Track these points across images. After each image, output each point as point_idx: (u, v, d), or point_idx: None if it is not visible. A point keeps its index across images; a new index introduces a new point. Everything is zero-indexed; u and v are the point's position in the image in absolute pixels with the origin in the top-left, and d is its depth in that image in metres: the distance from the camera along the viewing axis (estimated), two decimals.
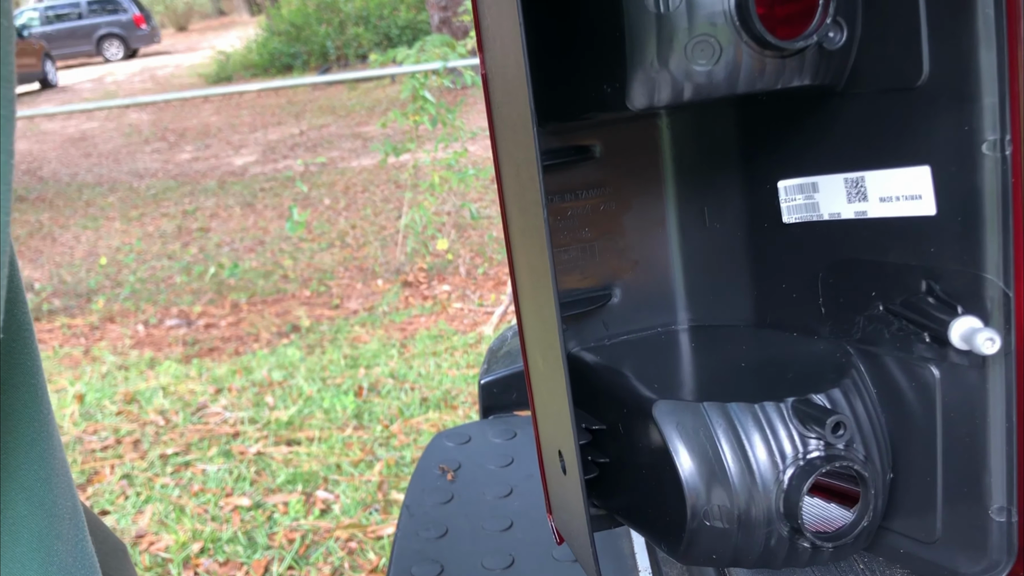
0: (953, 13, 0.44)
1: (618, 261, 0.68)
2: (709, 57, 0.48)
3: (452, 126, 4.93)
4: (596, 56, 0.53)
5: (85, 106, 9.10)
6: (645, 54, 0.49)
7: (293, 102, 11.04)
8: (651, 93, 0.50)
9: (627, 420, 0.58)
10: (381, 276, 5.01)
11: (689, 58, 0.48)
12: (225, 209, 6.83)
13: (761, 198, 0.60)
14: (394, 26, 13.70)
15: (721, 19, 0.48)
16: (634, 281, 0.68)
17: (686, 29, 0.48)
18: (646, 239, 0.67)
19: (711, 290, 0.67)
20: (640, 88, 0.50)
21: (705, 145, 0.64)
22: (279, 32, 14.66)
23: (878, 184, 0.51)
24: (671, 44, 0.48)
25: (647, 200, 0.67)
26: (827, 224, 0.55)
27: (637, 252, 0.67)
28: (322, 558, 2.40)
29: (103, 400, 3.56)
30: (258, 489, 2.77)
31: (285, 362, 3.84)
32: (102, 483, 2.88)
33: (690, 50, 0.48)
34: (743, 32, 0.48)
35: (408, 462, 2.83)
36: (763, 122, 0.59)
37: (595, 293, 0.68)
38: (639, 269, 0.68)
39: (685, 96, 0.49)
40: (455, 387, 3.38)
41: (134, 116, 11.06)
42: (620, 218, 0.67)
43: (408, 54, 5.18)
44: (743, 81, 0.50)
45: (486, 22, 0.53)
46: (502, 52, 0.51)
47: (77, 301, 5.08)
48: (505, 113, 0.53)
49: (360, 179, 7.17)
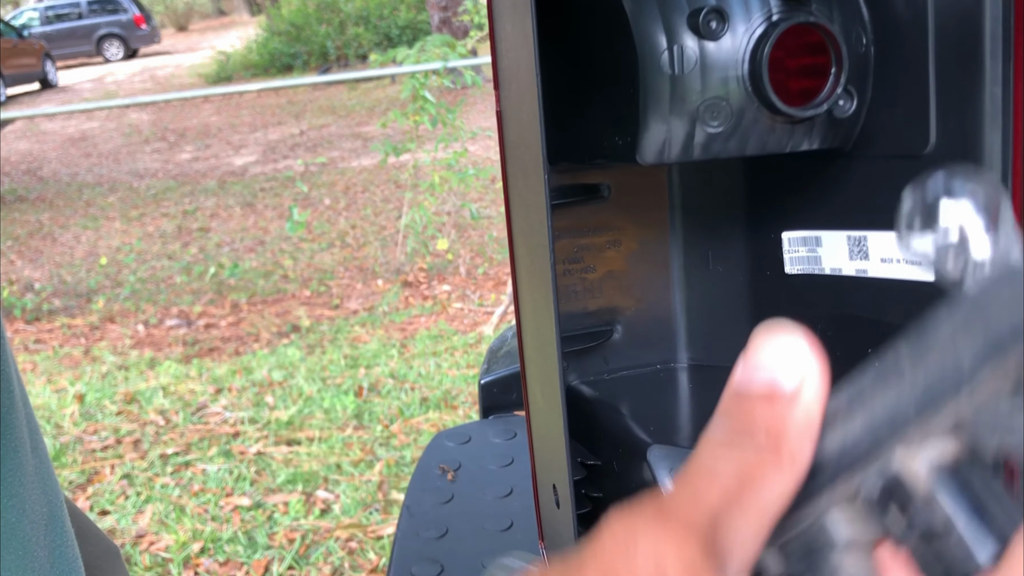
0: (962, 89, 0.45)
1: (621, 298, 0.69)
2: (721, 120, 0.49)
3: (452, 126, 4.93)
4: (610, 107, 0.54)
5: (85, 106, 9.11)
6: (658, 112, 0.49)
7: (293, 102, 11.04)
8: (661, 150, 0.50)
9: (622, 459, 0.60)
10: (381, 276, 5.01)
11: (701, 119, 0.49)
12: (225, 209, 6.83)
13: (765, 247, 0.61)
14: (394, 26, 13.71)
15: (734, 84, 0.49)
16: (636, 318, 0.69)
17: (699, 91, 0.49)
18: (650, 278, 0.69)
19: (711, 331, 0.69)
20: (651, 144, 0.50)
21: (712, 192, 0.66)
22: (279, 32, 14.66)
23: (880, 245, 0.52)
24: (684, 104, 0.49)
25: (653, 241, 0.68)
26: (828, 278, 0.56)
27: (640, 291, 0.69)
28: (322, 558, 2.40)
29: (103, 400, 3.56)
30: (258, 489, 2.77)
31: (285, 362, 3.84)
32: (102, 483, 2.88)
33: (702, 111, 0.49)
34: (755, 98, 0.49)
35: (408, 462, 2.83)
36: (771, 176, 0.61)
37: (597, 329, 0.70)
38: (641, 307, 0.69)
39: (695, 155, 0.50)
40: (455, 387, 3.39)
41: (134, 116, 11.07)
42: (625, 257, 0.69)
43: (408, 54, 5.18)
44: (753, 144, 0.51)
45: (503, 63, 0.54)
46: (518, 95, 0.51)
47: (77, 301, 5.08)
48: (518, 154, 0.54)
49: (360, 179, 7.17)
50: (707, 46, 0.48)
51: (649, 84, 0.49)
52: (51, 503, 0.39)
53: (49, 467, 0.40)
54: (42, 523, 0.37)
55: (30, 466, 0.37)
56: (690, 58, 0.48)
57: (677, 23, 0.48)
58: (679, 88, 0.49)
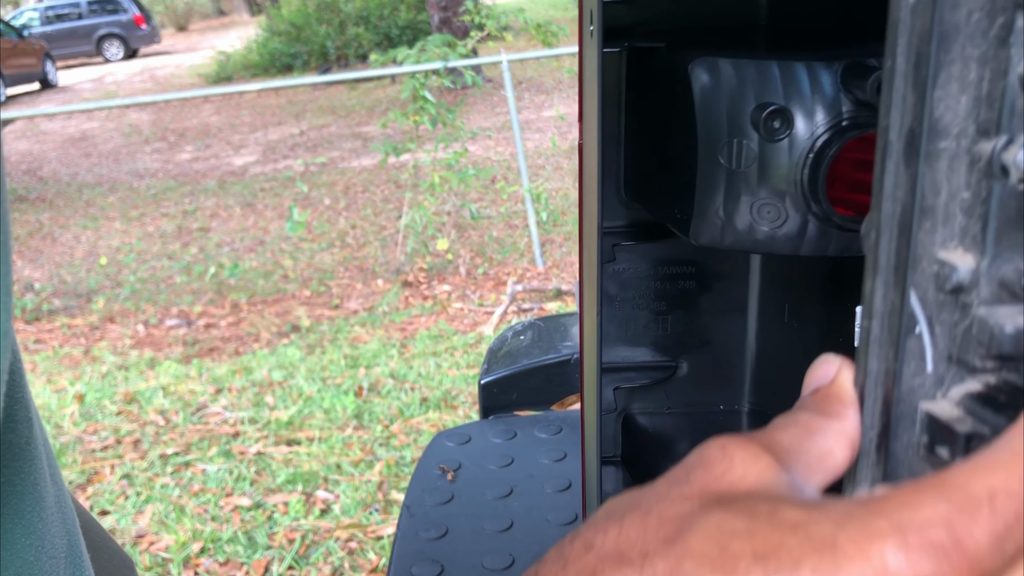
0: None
1: (689, 337, 0.69)
2: (773, 221, 0.48)
3: (452, 126, 4.93)
4: (673, 179, 0.53)
5: (85, 106, 9.11)
6: (711, 201, 0.48)
7: (293, 102, 11.04)
8: (713, 236, 0.49)
9: None
10: (381, 276, 5.01)
11: (754, 217, 0.48)
12: (225, 209, 6.83)
13: (840, 314, 0.61)
14: (394, 26, 13.70)
15: (792, 188, 0.47)
16: (702, 359, 0.70)
17: (754, 189, 0.47)
18: (722, 322, 0.69)
19: (778, 380, 0.69)
20: (703, 228, 0.50)
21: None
22: (279, 32, 14.66)
23: None
24: (738, 200, 0.48)
25: (730, 285, 0.68)
26: None
27: (711, 332, 0.69)
28: (322, 558, 2.40)
29: (103, 400, 3.56)
30: (258, 489, 2.77)
31: (285, 362, 3.84)
32: (102, 483, 2.88)
33: (756, 210, 0.48)
34: (812, 203, 0.47)
35: (408, 462, 2.83)
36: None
37: (661, 364, 0.70)
38: (710, 349, 0.70)
39: (747, 248, 0.49)
40: (455, 387, 3.39)
41: (134, 116, 11.07)
42: (698, 297, 0.69)
43: (408, 54, 5.18)
44: (806, 246, 0.49)
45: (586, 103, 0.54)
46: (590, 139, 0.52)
47: (77, 301, 5.08)
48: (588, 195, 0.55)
49: (360, 179, 7.17)
50: (767, 146, 0.46)
51: (706, 171, 0.48)
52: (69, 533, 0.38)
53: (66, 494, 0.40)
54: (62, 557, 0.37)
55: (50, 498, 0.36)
56: (749, 154, 0.47)
57: (741, 118, 0.47)
58: (735, 183, 0.47)
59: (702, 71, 0.47)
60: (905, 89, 0.29)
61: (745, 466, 0.30)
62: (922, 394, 0.31)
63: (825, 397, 0.34)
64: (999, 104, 0.28)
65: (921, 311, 0.31)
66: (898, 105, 0.30)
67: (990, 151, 0.28)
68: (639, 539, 0.28)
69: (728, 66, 0.47)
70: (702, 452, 0.31)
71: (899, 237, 0.31)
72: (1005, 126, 0.28)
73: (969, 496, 0.24)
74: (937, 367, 0.31)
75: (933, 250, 0.30)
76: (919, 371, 0.31)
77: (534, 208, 4.91)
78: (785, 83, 0.46)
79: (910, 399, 0.31)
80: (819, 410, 0.33)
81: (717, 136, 0.47)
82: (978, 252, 0.29)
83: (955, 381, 0.30)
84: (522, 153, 5.03)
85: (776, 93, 0.46)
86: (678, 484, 0.30)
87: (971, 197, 0.29)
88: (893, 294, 0.31)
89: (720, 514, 0.27)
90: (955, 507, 0.24)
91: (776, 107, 0.45)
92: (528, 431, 1.15)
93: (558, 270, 4.77)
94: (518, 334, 1.31)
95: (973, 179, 0.29)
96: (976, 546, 0.24)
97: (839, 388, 0.34)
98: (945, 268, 0.30)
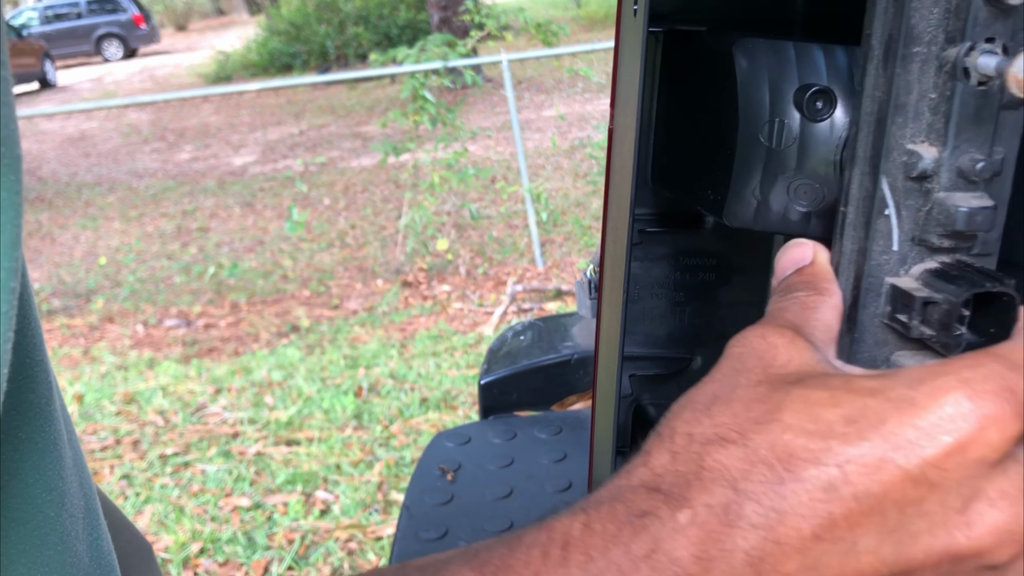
0: None
1: (706, 330, 0.69)
2: (811, 201, 0.48)
3: (452, 126, 4.93)
4: (709, 160, 0.53)
5: (84, 106, 9.09)
6: (749, 180, 0.48)
7: (293, 102, 11.04)
8: (748, 217, 0.49)
9: None
10: (381, 276, 5.01)
11: (791, 197, 0.48)
12: (224, 209, 6.83)
13: None
14: (394, 26, 13.70)
15: (831, 169, 0.47)
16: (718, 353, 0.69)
17: (793, 169, 0.47)
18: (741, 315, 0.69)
19: None
20: (738, 209, 0.49)
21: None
22: (279, 32, 14.65)
23: None
24: (775, 180, 0.48)
25: (751, 279, 0.67)
26: None
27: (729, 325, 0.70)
28: (322, 558, 2.39)
29: (102, 400, 3.55)
30: (258, 489, 2.77)
31: (285, 362, 3.84)
32: (102, 483, 2.88)
33: (793, 189, 0.48)
34: None
35: (408, 462, 2.83)
36: None
37: (676, 356, 0.69)
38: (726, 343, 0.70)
39: (781, 229, 0.49)
40: (455, 387, 3.38)
41: (133, 116, 11.06)
42: (717, 290, 0.68)
43: (408, 54, 5.17)
44: None
45: (621, 87, 0.54)
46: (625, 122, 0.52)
47: (76, 301, 5.08)
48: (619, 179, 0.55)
49: (360, 179, 7.16)
50: (809, 125, 0.46)
51: (745, 151, 0.48)
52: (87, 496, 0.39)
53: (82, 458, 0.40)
54: (80, 516, 0.37)
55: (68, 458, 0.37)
56: (789, 134, 0.47)
57: (783, 97, 0.47)
58: (773, 162, 0.47)
59: (745, 52, 0.48)
60: (887, 1, 0.35)
61: (789, 351, 0.34)
62: (888, 270, 0.36)
63: (812, 275, 0.38)
64: (965, 15, 0.33)
65: (890, 195, 0.36)
66: (880, 15, 0.35)
67: (954, 56, 0.33)
68: (733, 423, 0.32)
69: (770, 47, 0.48)
70: (748, 344, 0.36)
71: (875, 132, 0.36)
72: (969, 34, 0.33)
73: (1014, 361, 0.30)
74: (902, 247, 0.36)
75: (903, 143, 0.35)
76: (886, 249, 0.36)
77: (534, 208, 4.91)
78: (828, 65, 0.47)
79: (877, 274, 0.37)
80: (811, 287, 0.38)
81: (759, 115, 0.48)
82: (941, 144, 0.34)
83: (916, 260, 0.36)
84: (522, 153, 5.03)
85: (819, 75, 0.47)
86: (741, 374, 0.34)
87: (938, 96, 0.34)
88: (868, 181, 0.36)
89: (802, 390, 0.32)
90: (1005, 367, 0.30)
91: (820, 87, 0.46)
92: (528, 431, 1.15)
93: (558, 270, 4.77)
94: (518, 334, 1.31)
95: (940, 81, 0.34)
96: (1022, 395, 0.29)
97: (821, 267, 0.38)
98: (912, 158, 0.35)
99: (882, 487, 0.29)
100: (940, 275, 0.35)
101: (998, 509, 0.29)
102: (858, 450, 0.29)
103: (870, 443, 0.29)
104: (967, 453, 0.29)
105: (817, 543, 0.30)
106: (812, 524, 0.30)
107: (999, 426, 0.29)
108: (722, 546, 0.30)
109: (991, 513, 0.29)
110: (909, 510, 0.29)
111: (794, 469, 0.30)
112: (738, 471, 0.31)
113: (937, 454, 0.29)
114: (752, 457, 0.31)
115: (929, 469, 0.29)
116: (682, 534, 0.30)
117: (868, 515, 0.29)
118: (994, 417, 0.29)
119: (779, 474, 0.30)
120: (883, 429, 0.30)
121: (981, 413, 0.29)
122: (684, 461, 0.32)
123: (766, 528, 0.30)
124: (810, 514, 0.30)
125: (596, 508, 0.33)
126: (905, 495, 0.29)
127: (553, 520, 0.33)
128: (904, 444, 0.29)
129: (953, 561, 0.30)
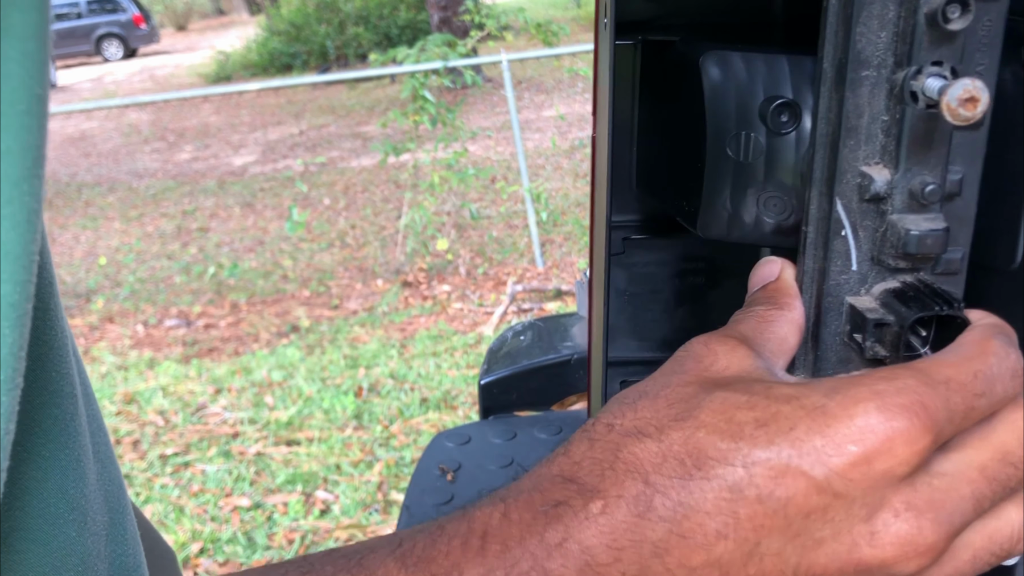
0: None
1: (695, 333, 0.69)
2: (779, 213, 0.48)
3: (452, 126, 4.93)
4: (682, 171, 0.53)
5: (84, 106, 9.09)
6: (719, 193, 0.48)
7: (293, 102, 11.04)
8: (720, 228, 0.50)
9: None
10: (381, 276, 5.01)
11: (760, 209, 0.48)
12: (224, 209, 6.83)
13: None
14: (394, 26, 13.70)
15: (798, 180, 0.47)
16: None
17: (761, 182, 0.47)
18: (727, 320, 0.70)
19: None
20: (710, 221, 0.50)
21: None
22: (279, 32, 14.65)
23: None
24: (745, 192, 0.48)
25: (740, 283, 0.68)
26: None
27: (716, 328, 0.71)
28: None
29: (102, 400, 3.55)
30: (258, 489, 2.77)
31: (285, 362, 3.84)
32: None
33: (762, 202, 0.48)
34: None
35: (408, 462, 2.83)
36: None
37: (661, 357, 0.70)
38: None
39: (755, 240, 0.49)
40: (455, 387, 3.38)
41: (133, 116, 11.06)
42: (707, 294, 0.68)
43: (408, 54, 5.17)
44: None
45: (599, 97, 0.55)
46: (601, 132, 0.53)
47: (76, 301, 5.08)
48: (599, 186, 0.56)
49: (360, 179, 7.16)
50: (775, 139, 0.47)
51: (715, 163, 0.48)
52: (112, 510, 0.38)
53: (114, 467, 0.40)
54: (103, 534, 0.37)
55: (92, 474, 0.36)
56: (757, 147, 0.47)
57: (749, 110, 0.47)
58: (742, 175, 0.47)
59: (712, 64, 0.48)
60: (836, 25, 0.35)
61: (728, 357, 0.35)
62: (847, 290, 0.37)
63: (775, 291, 0.39)
64: (911, 39, 0.33)
65: (846, 216, 0.36)
66: (830, 39, 0.35)
67: (902, 79, 0.34)
68: (653, 418, 0.33)
69: (738, 59, 0.47)
70: (690, 349, 0.37)
71: (829, 153, 0.36)
72: (916, 57, 0.33)
73: (931, 378, 0.31)
74: (861, 266, 0.36)
75: (856, 165, 0.35)
76: (845, 269, 0.37)
77: (534, 208, 4.91)
78: (794, 77, 0.46)
79: (837, 293, 0.37)
80: (771, 303, 0.39)
81: (726, 128, 0.47)
82: (893, 167, 0.35)
83: (877, 279, 0.37)
84: (522, 153, 5.03)
85: (785, 87, 0.46)
86: (675, 374, 0.35)
87: (889, 119, 0.35)
88: (824, 202, 0.37)
89: (723, 393, 0.33)
90: (920, 381, 0.30)
91: (784, 100, 0.46)
92: (528, 431, 1.15)
93: (558, 270, 4.77)
94: (518, 334, 1.31)
95: (891, 103, 0.34)
96: (936, 413, 0.30)
97: (785, 283, 0.39)
98: (865, 180, 0.35)
99: (786, 491, 0.30)
100: (898, 295, 0.35)
101: (902, 520, 0.30)
102: (765, 453, 0.30)
103: (777, 448, 0.30)
104: (873, 464, 0.29)
105: (721, 540, 0.30)
106: (716, 522, 0.30)
107: (907, 440, 0.29)
108: (632, 536, 0.30)
109: (896, 524, 0.30)
110: (814, 516, 0.30)
111: (703, 467, 0.31)
112: (651, 464, 0.31)
113: (843, 464, 0.29)
114: (666, 452, 0.31)
115: (834, 478, 0.29)
116: (594, 523, 0.31)
117: (772, 517, 0.30)
118: (902, 430, 0.29)
119: (688, 470, 0.31)
120: (791, 435, 0.30)
121: (889, 425, 0.29)
122: (601, 450, 0.33)
123: (673, 522, 0.30)
124: (715, 511, 0.30)
125: (515, 498, 0.33)
126: (809, 501, 0.30)
127: (475, 509, 0.34)
128: (811, 451, 0.30)
129: (858, 571, 0.30)
